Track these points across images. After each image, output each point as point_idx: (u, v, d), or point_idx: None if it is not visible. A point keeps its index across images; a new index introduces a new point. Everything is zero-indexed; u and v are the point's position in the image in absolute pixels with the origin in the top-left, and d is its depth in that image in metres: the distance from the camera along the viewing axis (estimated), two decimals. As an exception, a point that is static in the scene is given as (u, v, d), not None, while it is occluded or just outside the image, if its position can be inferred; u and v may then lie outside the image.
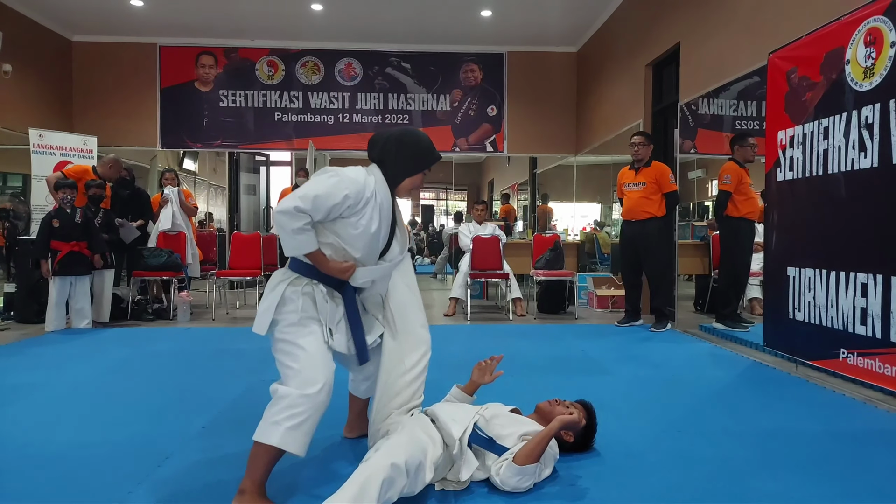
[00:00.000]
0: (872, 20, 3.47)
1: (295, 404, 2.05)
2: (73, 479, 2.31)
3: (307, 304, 2.23)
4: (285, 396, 2.07)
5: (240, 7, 8.11)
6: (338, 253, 2.25)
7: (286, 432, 2.03)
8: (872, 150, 3.44)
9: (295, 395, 2.06)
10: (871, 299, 3.46)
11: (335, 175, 2.19)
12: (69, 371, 4.11)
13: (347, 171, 2.22)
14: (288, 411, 2.04)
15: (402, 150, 2.34)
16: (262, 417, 2.08)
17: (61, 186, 5.72)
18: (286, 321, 2.21)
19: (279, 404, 2.06)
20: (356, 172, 2.24)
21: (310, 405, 2.07)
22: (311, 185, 2.17)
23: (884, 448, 2.66)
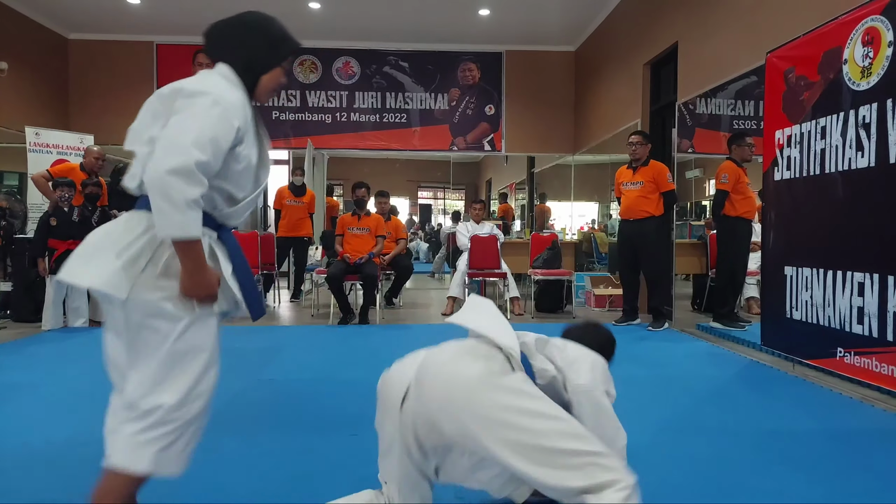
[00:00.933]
0: (870, 20, 3.48)
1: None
2: (70, 477, 2.30)
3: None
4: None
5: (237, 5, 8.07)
6: (210, 203, 1.65)
7: (159, 456, 1.62)
8: (869, 150, 3.45)
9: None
10: (867, 298, 3.46)
11: (214, 101, 1.58)
12: (66, 370, 4.10)
13: (219, 90, 1.62)
14: (162, 427, 1.60)
15: (252, 37, 1.80)
16: (122, 436, 1.61)
17: (59, 185, 5.71)
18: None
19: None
20: (226, 88, 1.66)
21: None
22: (193, 121, 1.54)
23: (881, 447, 2.67)
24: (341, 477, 2.29)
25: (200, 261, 1.57)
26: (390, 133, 9.63)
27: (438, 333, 5.92)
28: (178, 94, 1.59)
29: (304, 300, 7.90)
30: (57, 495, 2.16)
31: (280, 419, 3.00)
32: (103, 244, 1.59)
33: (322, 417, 3.01)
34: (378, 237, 6.51)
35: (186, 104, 1.56)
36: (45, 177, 6.17)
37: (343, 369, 4.12)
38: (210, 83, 1.64)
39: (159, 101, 1.62)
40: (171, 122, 1.54)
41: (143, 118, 1.64)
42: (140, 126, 1.64)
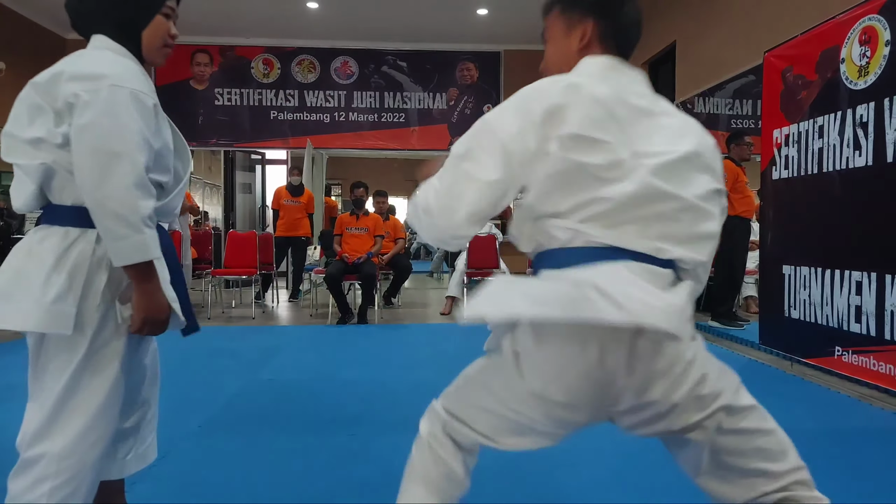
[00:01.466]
0: (867, 19, 3.48)
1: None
2: (68, 478, 2.30)
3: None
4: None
5: (235, 5, 8.10)
6: None
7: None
8: (867, 149, 3.45)
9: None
10: (865, 297, 3.47)
11: (116, 85, 1.33)
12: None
13: (113, 68, 1.36)
14: (50, 482, 1.38)
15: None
16: (10, 495, 1.39)
17: None
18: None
19: None
20: (118, 63, 1.39)
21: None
22: (111, 119, 1.30)
23: (878, 445, 2.67)
24: (340, 477, 2.29)
25: (157, 281, 1.40)
26: (389, 133, 9.63)
27: (437, 333, 5.93)
28: (58, 78, 1.35)
29: (303, 300, 7.90)
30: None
31: (278, 419, 3.00)
32: (22, 274, 1.36)
33: (320, 417, 3.01)
34: (376, 237, 6.51)
35: (86, 96, 1.30)
36: None
37: (341, 369, 4.12)
38: (96, 61, 1.37)
39: (36, 91, 1.37)
40: (80, 123, 1.29)
41: (19, 117, 1.37)
42: (16, 128, 1.37)
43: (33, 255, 1.37)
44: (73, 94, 1.31)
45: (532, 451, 1.59)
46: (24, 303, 1.33)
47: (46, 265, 1.35)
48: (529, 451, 1.23)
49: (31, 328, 1.34)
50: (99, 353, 1.39)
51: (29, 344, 1.43)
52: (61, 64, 1.38)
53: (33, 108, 1.36)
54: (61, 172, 1.36)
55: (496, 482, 2.26)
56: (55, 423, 1.37)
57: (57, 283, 1.34)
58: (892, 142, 3.27)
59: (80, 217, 1.37)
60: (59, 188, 1.38)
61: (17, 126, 1.36)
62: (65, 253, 1.37)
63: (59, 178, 1.37)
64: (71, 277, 1.36)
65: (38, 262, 1.36)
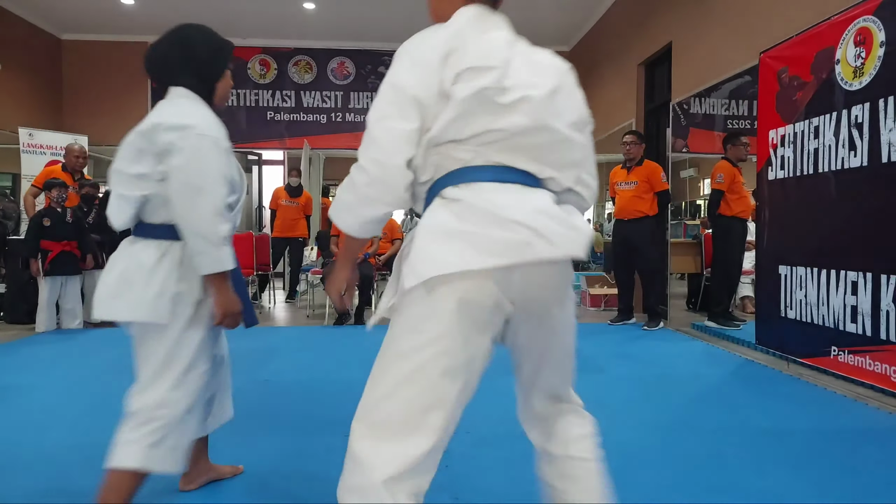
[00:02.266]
0: (862, 20, 3.49)
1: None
2: (64, 480, 2.30)
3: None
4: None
5: (232, 5, 8.09)
6: None
7: (150, 453, 1.78)
8: (862, 150, 3.46)
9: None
10: (861, 297, 3.48)
11: (201, 134, 1.72)
12: (60, 372, 4.09)
13: (199, 119, 1.75)
14: (148, 426, 1.78)
15: (196, 50, 1.88)
16: (116, 439, 1.81)
17: (52, 186, 5.66)
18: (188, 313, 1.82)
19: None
20: (201, 114, 1.78)
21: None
22: (199, 162, 1.70)
23: (874, 445, 2.68)
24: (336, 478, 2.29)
25: (229, 285, 1.81)
26: (385, 133, 9.61)
27: (434, 333, 5.92)
28: (157, 129, 1.71)
29: (300, 301, 7.89)
30: (49, 497, 2.16)
31: (275, 420, 2.99)
32: (128, 278, 1.75)
33: (317, 418, 3.01)
34: (373, 237, 6.50)
35: (179, 143, 1.68)
36: (34, 193, 6.09)
37: (338, 370, 4.12)
38: (186, 112, 1.75)
39: (139, 137, 1.73)
40: (174, 165, 1.68)
41: (126, 156, 1.75)
42: (123, 165, 1.75)
43: (134, 262, 1.76)
44: (168, 142, 1.69)
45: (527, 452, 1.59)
46: (132, 299, 1.73)
47: (146, 269, 1.74)
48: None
49: (139, 319, 1.73)
50: (185, 337, 1.78)
51: (133, 332, 1.80)
52: (158, 115, 1.74)
53: (137, 151, 1.73)
54: (155, 200, 1.76)
55: (493, 482, 2.26)
56: (150, 386, 1.77)
57: (156, 283, 1.73)
58: (887, 142, 3.28)
59: (169, 232, 1.77)
60: (152, 211, 1.79)
61: (124, 164, 1.75)
62: (159, 260, 1.76)
63: (153, 204, 1.77)
64: (165, 279, 1.75)
65: (139, 267, 1.75)
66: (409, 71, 1.28)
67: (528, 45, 1.43)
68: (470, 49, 1.29)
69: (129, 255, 1.79)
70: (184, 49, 1.87)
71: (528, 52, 1.40)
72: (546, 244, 1.18)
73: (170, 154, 1.69)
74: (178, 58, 1.85)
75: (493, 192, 1.23)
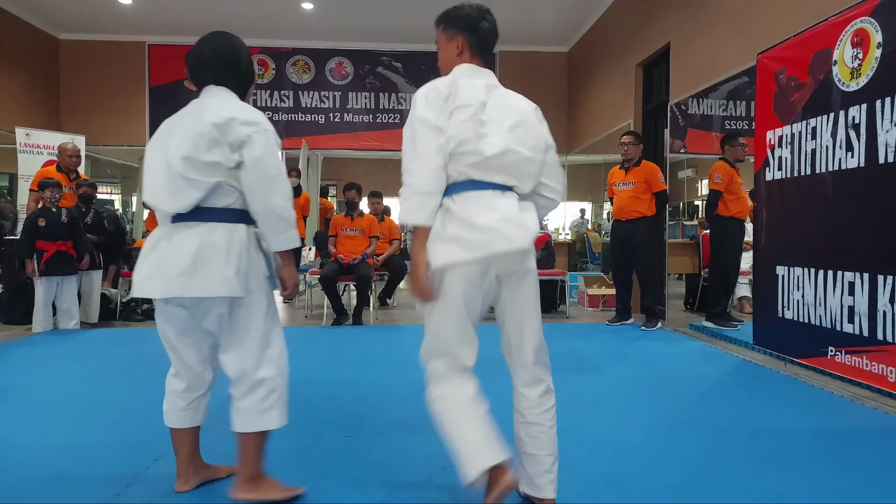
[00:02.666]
0: (859, 21, 3.50)
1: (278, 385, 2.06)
2: (62, 480, 2.29)
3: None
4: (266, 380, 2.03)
5: (230, 5, 8.08)
6: None
7: (280, 414, 2.06)
8: (859, 150, 3.47)
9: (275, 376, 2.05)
10: (858, 298, 3.49)
11: (268, 130, 1.99)
12: (58, 372, 4.08)
13: (262, 117, 2.01)
14: (275, 394, 2.04)
15: (243, 58, 2.11)
16: (245, 409, 2.03)
17: (46, 186, 5.64)
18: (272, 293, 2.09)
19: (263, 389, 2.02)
20: (258, 112, 2.03)
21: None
22: (272, 153, 1.97)
23: (871, 445, 2.68)
24: (335, 479, 2.29)
25: (293, 260, 2.09)
26: (384, 133, 9.63)
27: (432, 334, 5.89)
28: (234, 122, 1.92)
29: (298, 301, 7.88)
30: (47, 497, 2.15)
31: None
32: (202, 258, 1.89)
33: (316, 419, 3.01)
34: (372, 238, 6.50)
35: (256, 135, 1.93)
36: (36, 199, 6.05)
37: (336, 370, 4.12)
38: (250, 109, 2.01)
39: (215, 129, 1.90)
40: (254, 156, 1.91)
41: (199, 145, 1.89)
42: (196, 153, 1.90)
43: (205, 244, 1.91)
44: (246, 135, 1.91)
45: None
46: (212, 277, 1.88)
47: (221, 249, 1.91)
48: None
49: (222, 294, 1.90)
50: (272, 305, 2.05)
51: (216, 311, 1.96)
52: (227, 110, 1.94)
53: (212, 140, 1.90)
54: (225, 187, 1.93)
55: (491, 483, 2.26)
56: (264, 355, 2.00)
57: (234, 261, 1.91)
58: (884, 143, 3.29)
59: (235, 215, 1.97)
60: (219, 197, 1.94)
61: (197, 152, 1.89)
62: (230, 241, 1.93)
63: (223, 190, 1.93)
64: (239, 256, 1.93)
65: (212, 248, 1.91)
66: (427, 109, 1.79)
67: (504, 90, 1.94)
68: (461, 92, 1.81)
69: (197, 237, 1.91)
70: (231, 54, 2.08)
71: (501, 96, 1.91)
72: (505, 241, 1.76)
73: (246, 146, 1.91)
74: (226, 62, 2.06)
75: (472, 201, 1.79)
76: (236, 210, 1.96)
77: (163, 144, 1.98)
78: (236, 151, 1.92)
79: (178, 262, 1.88)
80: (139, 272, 1.96)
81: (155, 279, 1.91)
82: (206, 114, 1.92)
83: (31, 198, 6.09)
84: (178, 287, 1.88)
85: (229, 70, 2.06)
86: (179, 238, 1.92)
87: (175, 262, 1.89)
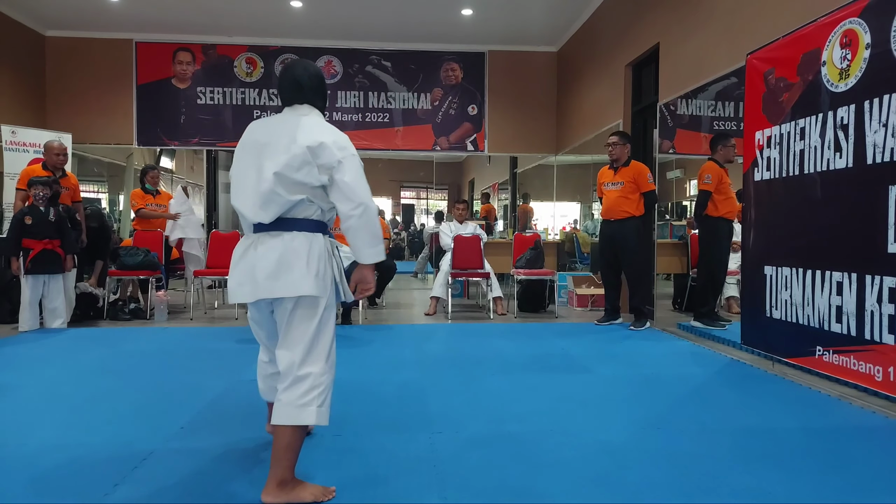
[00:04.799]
0: (848, 22, 3.52)
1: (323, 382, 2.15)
2: (48, 481, 2.27)
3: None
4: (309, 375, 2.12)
5: (218, 3, 8.03)
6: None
7: (319, 411, 2.11)
8: (847, 151, 3.49)
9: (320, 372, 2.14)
10: (846, 297, 3.51)
11: (356, 155, 2.20)
12: (44, 372, 4.04)
13: (349, 141, 2.23)
14: (316, 390, 2.11)
15: (324, 86, 2.38)
16: (286, 401, 2.09)
17: (35, 184, 5.58)
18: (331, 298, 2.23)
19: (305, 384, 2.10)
20: (349, 142, 2.24)
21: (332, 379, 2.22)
22: (359, 173, 2.18)
23: (858, 444, 2.70)
24: (325, 478, 2.28)
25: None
26: (373, 133, 9.60)
27: (422, 333, 5.91)
28: (325, 146, 2.10)
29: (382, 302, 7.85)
30: (33, 498, 2.12)
31: (262, 420, 2.96)
32: (286, 263, 2.10)
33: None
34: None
35: (346, 160, 2.12)
36: (23, 197, 5.98)
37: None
38: (340, 135, 2.19)
39: (309, 152, 2.09)
40: (344, 178, 2.11)
41: (291, 165, 2.09)
42: (288, 171, 2.09)
43: (288, 250, 2.11)
44: (336, 161, 2.11)
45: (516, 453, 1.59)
46: (294, 279, 2.09)
47: (303, 255, 2.12)
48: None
49: (307, 293, 2.09)
50: (329, 309, 2.18)
51: (284, 309, 2.13)
52: (322, 134, 2.13)
53: (304, 161, 2.09)
54: (305, 202, 2.13)
55: (481, 483, 2.26)
56: (311, 353, 2.12)
57: (314, 265, 2.12)
58: (872, 144, 3.31)
59: (314, 226, 2.18)
60: (301, 210, 2.15)
61: (289, 170, 2.09)
62: (310, 248, 2.14)
63: (304, 204, 2.14)
64: (318, 262, 2.14)
65: (295, 253, 2.11)
66: None
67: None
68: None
69: (281, 245, 2.12)
70: (321, 80, 2.34)
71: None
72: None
73: (337, 170, 2.11)
74: (318, 86, 2.32)
75: None
76: (316, 221, 2.18)
77: (256, 153, 2.16)
78: (325, 173, 2.11)
79: (265, 266, 2.11)
80: (232, 279, 2.21)
81: (245, 285, 2.15)
82: (301, 135, 2.11)
83: (17, 196, 6.01)
84: (265, 290, 2.11)
85: (318, 94, 2.32)
86: (265, 246, 2.14)
87: (262, 266, 2.11)
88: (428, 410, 3.15)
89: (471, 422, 2.98)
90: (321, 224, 2.20)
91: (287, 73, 2.30)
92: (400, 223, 15.57)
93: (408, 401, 3.35)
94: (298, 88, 2.28)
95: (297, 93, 2.28)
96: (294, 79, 2.28)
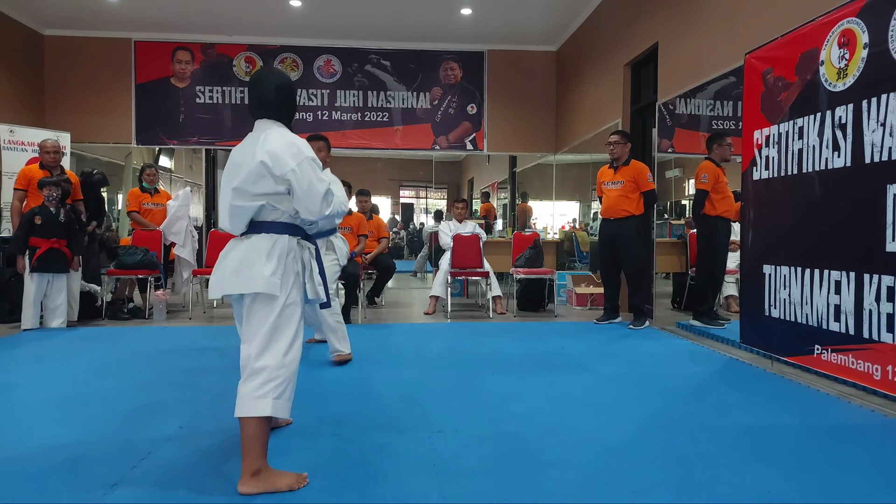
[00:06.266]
0: (846, 22, 3.53)
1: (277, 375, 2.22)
2: (47, 480, 2.27)
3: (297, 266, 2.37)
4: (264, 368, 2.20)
5: (217, 2, 8.02)
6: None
7: (276, 403, 2.19)
8: (846, 150, 3.50)
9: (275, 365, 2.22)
10: (844, 296, 3.51)
11: (313, 160, 2.29)
12: (44, 371, 4.04)
13: (305, 146, 2.32)
14: (272, 382, 2.19)
15: (293, 98, 2.49)
16: (244, 393, 2.19)
17: (46, 184, 5.60)
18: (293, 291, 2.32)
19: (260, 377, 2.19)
20: (304, 142, 2.34)
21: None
22: (316, 175, 2.28)
23: (857, 442, 2.71)
24: (323, 478, 2.28)
25: None
26: (372, 132, 9.60)
27: (421, 332, 5.91)
28: (277, 157, 2.22)
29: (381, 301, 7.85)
30: (32, 497, 2.13)
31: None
32: (247, 261, 2.23)
33: (304, 417, 2.99)
34: (360, 236, 6.48)
35: (300, 166, 2.23)
36: (20, 198, 5.96)
37: (324, 369, 4.10)
38: (294, 145, 2.27)
39: (263, 166, 2.21)
40: (303, 188, 2.23)
41: (248, 179, 2.24)
42: (246, 185, 2.24)
43: (251, 249, 2.25)
44: (290, 169, 2.22)
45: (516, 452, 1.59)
46: (251, 276, 2.20)
47: (262, 254, 2.23)
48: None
49: (258, 290, 2.19)
50: (291, 307, 2.27)
51: (244, 303, 2.25)
52: (277, 145, 2.24)
53: (259, 175, 2.23)
54: (268, 207, 2.26)
55: (481, 482, 2.26)
56: (268, 348, 2.20)
57: (270, 264, 2.21)
58: (870, 143, 3.32)
59: (281, 228, 2.30)
60: (267, 214, 2.28)
61: (246, 184, 2.24)
62: (272, 248, 2.25)
63: (268, 209, 2.27)
64: (277, 262, 2.24)
65: (256, 253, 2.23)
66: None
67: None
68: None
69: (246, 245, 2.27)
70: (287, 91, 2.42)
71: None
72: None
73: (293, 178, 2.22)
74: (283, 99, 2.40)
75: None
76: (283, 223, 2.30)
77: (232, 175, 2.30)
78: (283, 184, 2.23)
79: (229, 264, 2.26)
80: (212, 277, 2.35)
81: (216, 283, 2.29)
82: (258, 150, 2.23)
83: (15, 196, 6.01)
84: (230, 286, 2.25)
85: (284, 105, 2.41)
86: (236, 248, 2.30)
87: (227, 265, 2.27)
88: (427, 410, 3.16)
89: (470, 421, 2.98)
90: (290, 226, 2.32)
91: (253, 89, 2.40)
92: (399, 222, 15.57)
93: (407, 400, 3.35)
94: (263, 104, 2.38)
95: (261, 108, 2.39)
96: (258, 95, 2.39)
